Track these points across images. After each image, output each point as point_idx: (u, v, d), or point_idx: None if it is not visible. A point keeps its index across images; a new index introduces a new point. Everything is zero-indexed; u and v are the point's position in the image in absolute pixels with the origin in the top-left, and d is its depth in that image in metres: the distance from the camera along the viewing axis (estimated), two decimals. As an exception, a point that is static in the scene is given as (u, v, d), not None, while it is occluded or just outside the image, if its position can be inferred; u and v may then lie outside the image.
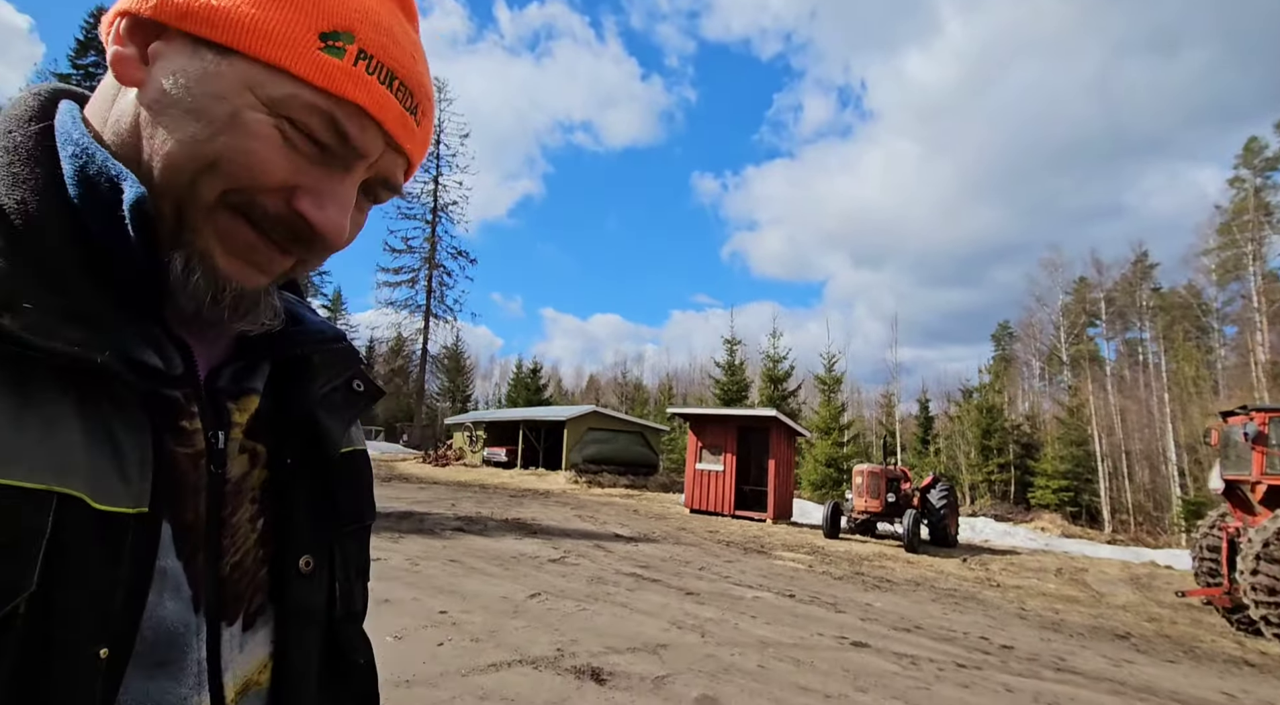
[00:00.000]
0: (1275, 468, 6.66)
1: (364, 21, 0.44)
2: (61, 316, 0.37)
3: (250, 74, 0.41)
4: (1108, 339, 41.47)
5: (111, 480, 0.38)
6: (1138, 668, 5.37)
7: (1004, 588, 8.85)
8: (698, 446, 15.58)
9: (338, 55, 0.42)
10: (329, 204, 0.45)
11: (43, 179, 0.42)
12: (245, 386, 0.52)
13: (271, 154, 0.42)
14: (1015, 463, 31.81)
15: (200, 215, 0.43)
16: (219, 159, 0.41)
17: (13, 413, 0.35)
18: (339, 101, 0.43)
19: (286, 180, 0.43)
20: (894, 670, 4.70)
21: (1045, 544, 14.82)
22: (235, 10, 0.41)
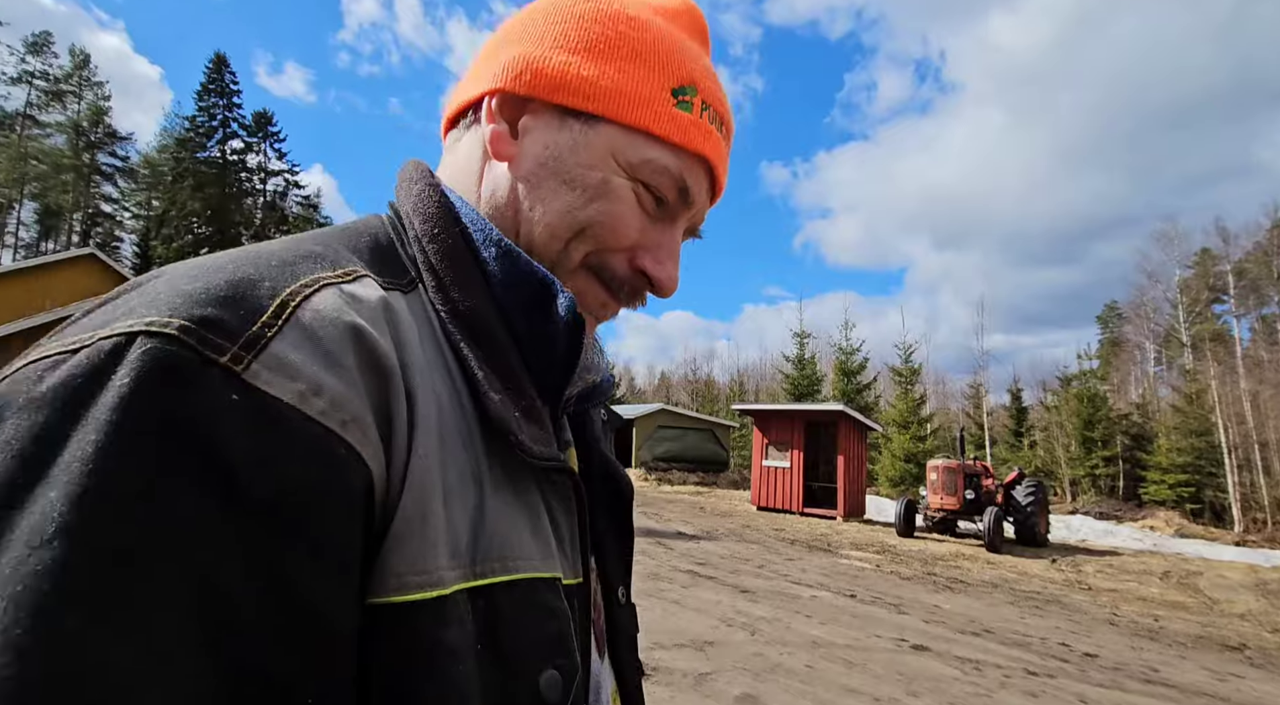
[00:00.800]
0: None
1: (701, 71, 0.46)
2: (529, 419, 0.42)
3: (613, 140, 0.44)
4: (1238, 316, 37.00)
5: (562, 557, 0.44)
6: (1247, 684, 4.83)
7: (1095, 591, 8.16)
8: (764, 443, 15.32)
9: (688, 110, 0.45)
10: (666, 259, 0.48)
11: (479, 281, 0.44)
12: (565, 439, 0.54)
13: (630, 218, 0.45)
14: (1123, 455, 29.05)
15: (566, 278, 0.46)
16: (590, 224, 0.45)
17: (524, 515, 0.41)
18: (688, 157, 0.46)
19: (635, 241, 0.46)
20: (954, 675, 4.47)
21: (1153, 544, 13.46)
22: (601, 78, 0.44)
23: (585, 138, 0.44)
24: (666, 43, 0.45)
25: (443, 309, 0.42)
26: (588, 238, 0.45)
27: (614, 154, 0.44)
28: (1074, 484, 29.99)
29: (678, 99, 0.44)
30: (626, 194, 0.45)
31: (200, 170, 37.55)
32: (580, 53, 0.44)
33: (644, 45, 0.45)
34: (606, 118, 0.44)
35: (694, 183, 0.46)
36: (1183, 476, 25.79)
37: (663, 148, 0.44)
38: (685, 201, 0.47)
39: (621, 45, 0.44)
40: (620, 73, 0.44)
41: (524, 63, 0.45)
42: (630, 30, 0.45)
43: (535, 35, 0.46)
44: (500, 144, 0.46)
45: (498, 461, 0.40)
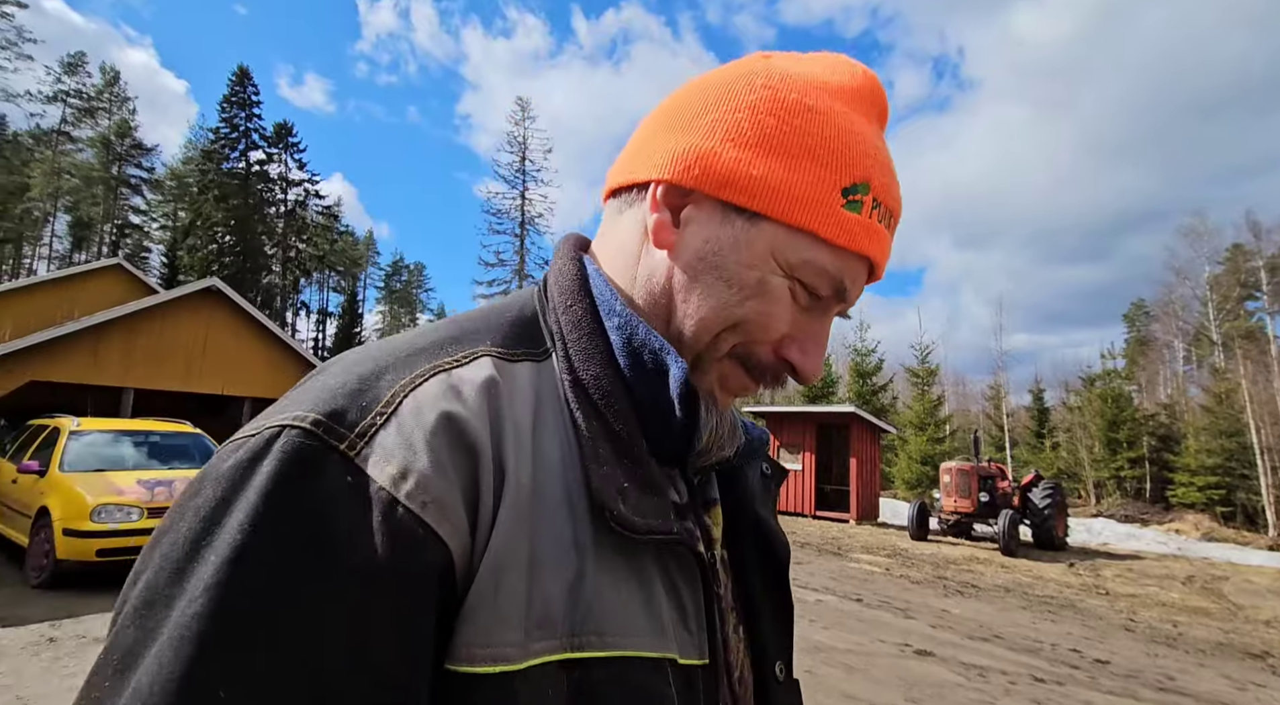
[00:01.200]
0: None
1: (875, 166, 0.44)
2: (643, 489, 0.42)
3: (776, 239, 0.43)
4: (1272, 313, 35.89)
5: (684, 634, 0.42)
6: (1268, 692, 4.67)
7: (1113, 596, 7.95)
8: (776, 446, 15.19)
9: (856, 210, 0.43)
10: (812, 350, 0.47)
11: (604, 352, 0.46)
12: (709, 497, 0.54)
13: (783, 313, 0.45)
14: (1150, 457, 28.25)
15: (712, 362, 0.47)
16: (743, 321, 0.45)
17: (636, 587, 0.40)
18: (850, 257, 0.44)
19: (783, 333, 0.46)
20: (957, 681, 4.39)
21: (1178, 548, 13.07)
22: (769, 177, 0.43)
23: (747, 236, 0.44)
24: (842, 137, 0.44)
25: (566, 377, 0.45)
26: (738, 332, 0.45)
27: (774, 253, 0.44)
28: (1098, 486, 29.25)
29: (848, 199, 0.43)
30: (782, 293, 0.44)
31: (224, 181, 38.37)
32: (751, 147, 0.43)
33: (818, 141, 0.43)
34: (771, 217, 0.43)
35: (852, 281, 0.46)
36: (1213, 479, 25.00)
37: (825, 249, 0.43)
38: (841, 298, 0.47)
39: (794, 141, 0.43)
40: (790, 171, 0.43)
41: (694, 156, 0.45)
42: (805, 125, 0.43)
43: (707, 124, 0.45)
44: (662, 233, 0.46)
45: (605, 530, 0.39)
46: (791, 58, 0.49)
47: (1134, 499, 27.26)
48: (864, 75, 0.48)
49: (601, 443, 0.42)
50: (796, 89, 0.45)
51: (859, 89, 0.47)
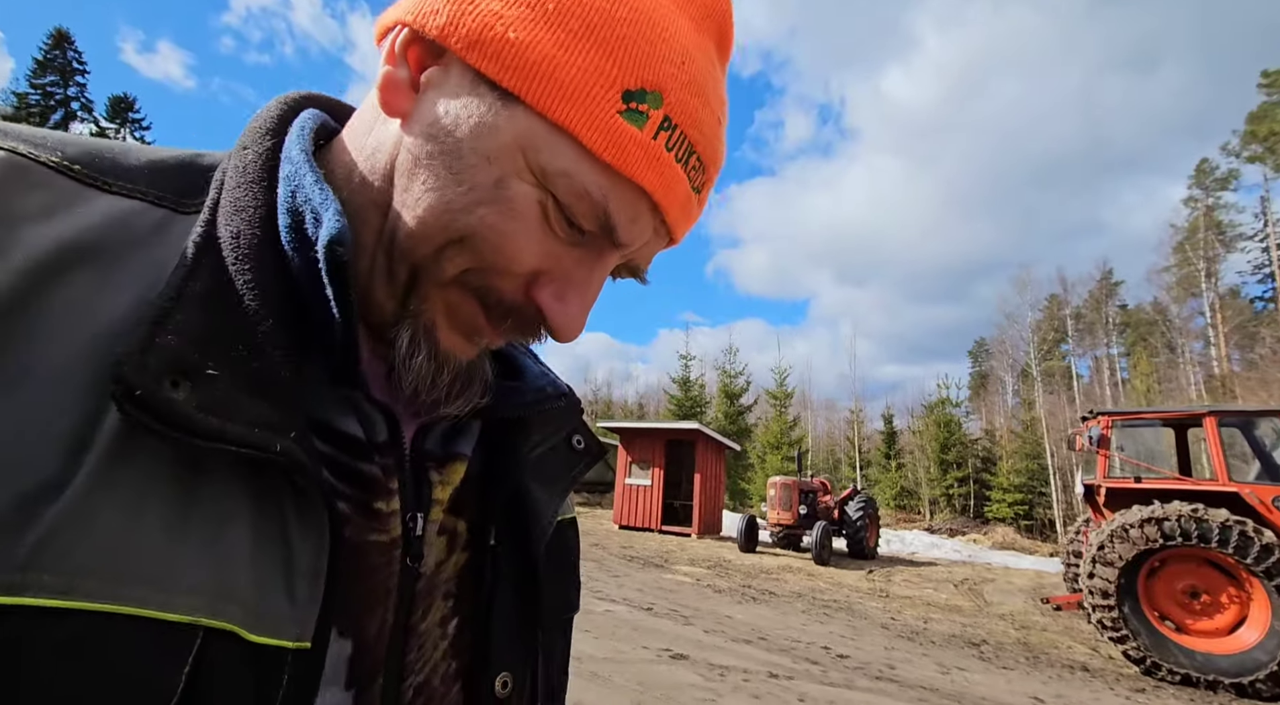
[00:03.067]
0: (1116, 472, 6.69)
1: (678, 77, 0.35)
2: (251, 386, 0.31)
3: (529, 131, 0.34)
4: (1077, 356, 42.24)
5: (276, 599, 0.31)
6: (965, 675, 5.28)
7: (891, 598, 8.76)
8: (627, 461, 15.43)
9: (637, 122, 0.34)
10: (572, 299, 0.38)
11: (263, 207, 0.36)
12: (453, 450, 0.44)
13: (527, 237, 0.35)
14: (974, 477, 32.02)
15: (434, 287, 0.37)
16: (472, 235, 0.35)
17: (176, 515, 0.28)
18: (621, 182, 0.35)
19: (534, 266, 0.37)
20: (693, 681, 4.56)
21: (969, 556, 14.80)
22: (533, 48, 0.33)
23: (494, 118, 0.34)
24: (642, 28, 0.34)
25: (199, 229, 0.34)
26: (466, 250, 0.35)
27: (524, 150, 0.34)
28: (933, 503, 32.61)
29: (628, 105, 0.34)
30: (527, 206, 0.35)
31: (38, 154, 33.38)
32: (521, 6, 0.33)
33: (606, 22, 0.33)
34: (525, 101, 0.33)
35: (624, 217, 0.36)
36: (1019, 495, 28.79)
37: (588, 161, 0.34)
38: (610, 237, 0.36)
39: (577, 13, 0.33)
40: (561, 48, 0.33)
41: (453, 3, 0.34)
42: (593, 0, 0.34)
43: None
44: (390, 93, 0.36)
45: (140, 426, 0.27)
46: None
47: (960, 514, 30.69)
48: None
49: (198, 313, 0.30)
50: None
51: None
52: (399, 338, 0.37)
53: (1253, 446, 6.98)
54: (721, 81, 0.39)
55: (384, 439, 0.40)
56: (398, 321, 0.37)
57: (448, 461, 0.44)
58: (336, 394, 0.38)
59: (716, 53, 0.39)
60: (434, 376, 0.38)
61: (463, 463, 0.45)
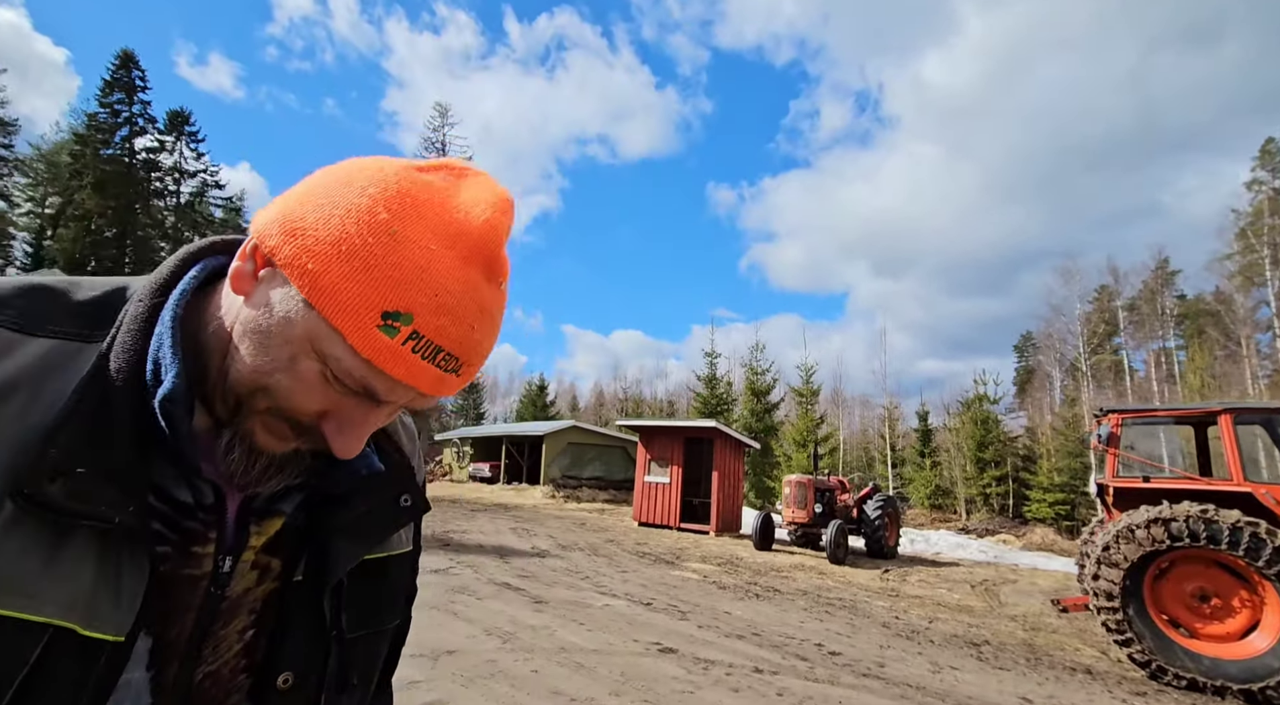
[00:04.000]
0: (1124, 471, 6.47)
1: (427, 305, 0.48)
2: (105, 477, 0.47)
3: (317, 328, 0.48)
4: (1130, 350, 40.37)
5: (106, 610, 0.47)
6: (956, 674, 5.24)
7: (900, 597, 8.66)
8: (646, 459, 15.55)
9: (390, 334, 0.47)
10: (348, 432, 0.52)
11: (138, 352, 0.52)
12: (275, 508, 0.60)
13: (311, 393, 0.50)
14: (1013, 475, 30.94)
15: (250, 412, 0.52)
16: (272, 388, 0.50)
17: (46, 560, 0.45)
18: (377, 371, 0.49)
19: (320, 409, 0.51)
20: (675, 674, 4.67)
21: (995, 557, 14.38)
22: (323, 274, 0.47)
23: (296, 314, 0.49)
24: (406, 269, 0.48)
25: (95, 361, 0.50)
26: (270, 396, 0.50)
27: (312, 339, 0.48)
28: (969, 502, 31.63)
29: (385, 322, 0.47)
30: (310, 375, 0.49)
31: (101, 168, 35.43)
32: (326, 244, 0.48)
33: (378, 261, 0.47)
34: (316, 309, 0.48)
35: (384, 390, 0.50)
36: (1060, 495, 27.68)
37: (354, 355, 0.48)
38: (374, 400, 0.51)
39: (360, 254, 0.47)
40: (344, 278, 0.47)
41: (284, 231, 0.50)
42: (375, 244, 0.47)
43: (314, 207, 0.50)
44: (238, 280, 0.52)
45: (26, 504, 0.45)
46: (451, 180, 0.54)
47: (998, 513, 29.69)
48: (484, 225, 0.51)
49: (81, 427, 0.47)
50: (395, 213, 0.49)
51: (471, 235, 0.51)
52: (222, 439, 0.53)
53: (1277, 445, 6.66)
54: (485, 299, 0.52)
55: (210, 502, 0.56)
56: (226, 426, 0.53)
57: (267, 517, 0.59)
58: (176, 471, 0.54)
59: (483, 277, 0.52)
60: (246, 466, 0.53)
61: (280, 518, 0.60)
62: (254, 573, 0.58)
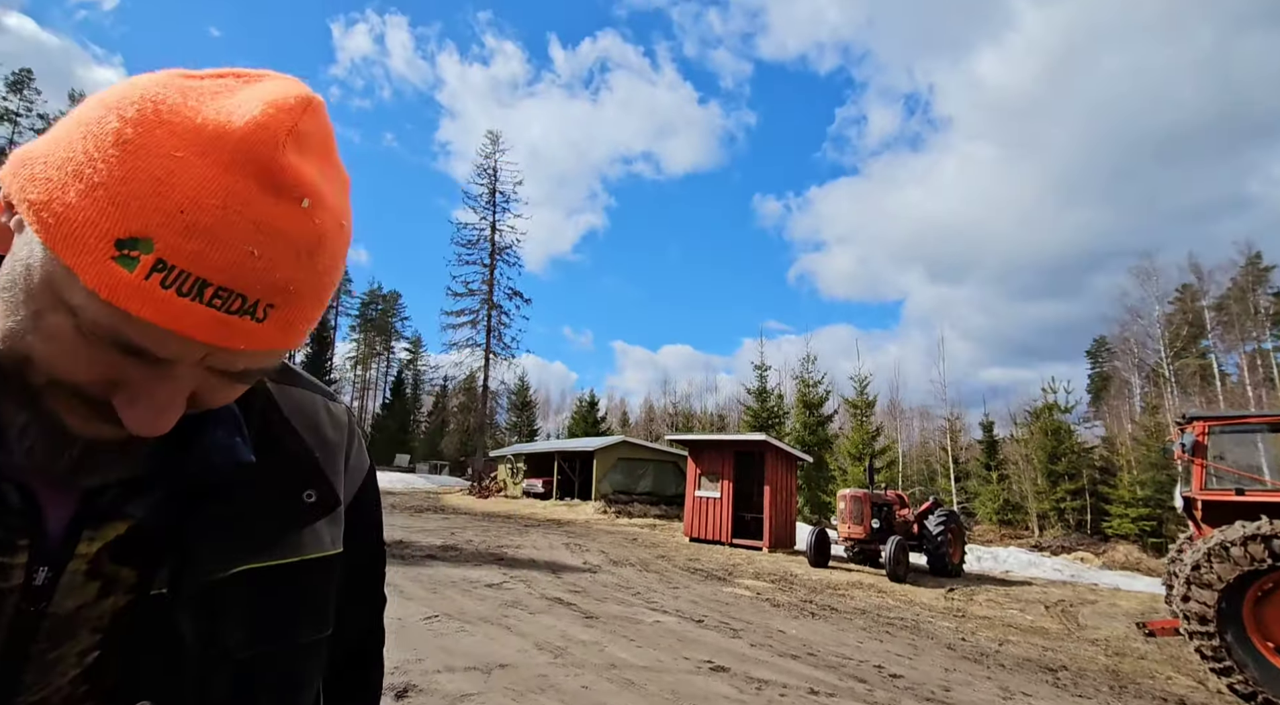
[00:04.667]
0: (1214, 483, 5.96)
1: (170, 225, 0.38)
2: None
3: (54, 271, 0.39)
4: (1220, 352, 37.52)
5: None
6: (1030, 701, 4.91)
7: (967, 618, 8.20)
8: (696, 474, 15.41)
9: (128, 266, 0.38)
10: (140, 402, 0.43)
11: None
12: (122, 511, 0.50)
13: (76, 357, 0.41)
14: (1090, 489, 28.97)
15: (41, 390, 0.43)
16: (29, 355, 0.41)
17: None
18: (126, 316, 0.39)
19: (101, 377, 0.42)
20: (726, 693, 4.57)
21: (1072, 576, 13.44)
22: (49, 203, 0.39)
23: (35, 260, 0.40)
24: (135, 185, 0.38)
25: None
26: (35, 367, 0.42)
27: (54, 288, 0.40)
28: (1041, 517, 29.79)
29: (121, 252, 0.38)
30: (63, 333, 0.40)
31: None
32: (52, 168, 0.40)
33: (105, 178, 0.38)
34: (49, 247, 0.39)
35: (151, 342, 0.40)
36: (1144, 510, 25.70)
37: (94, 298, 0.39)
38: (149, 359, 0.41)
39: (85, 172, 0.39)
40: (68, 207, 0.39)
41: (16, 162, 0.42)
42: (101, 158, 0.39)
43: (56, 130, 0.42)
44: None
45: None
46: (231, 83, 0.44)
47: (1075, 529, 27.82)
48: (249, 125, 0.40)
49: None
50: (131, 120, 0.40)
51: (231, 137, 0.40)
52: (14, 425, 0.44)
53: (1394, 453, 6.02)
54: (269, 212, 0.41)
55: (16, 504, 0.46)
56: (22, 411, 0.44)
57: (106, 521, 0.50)
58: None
59: (258, 188, 0.40)
60: (53, 456, 0.44)
61: (125, 522, 0.50)
62: (94, 584, 0.49)
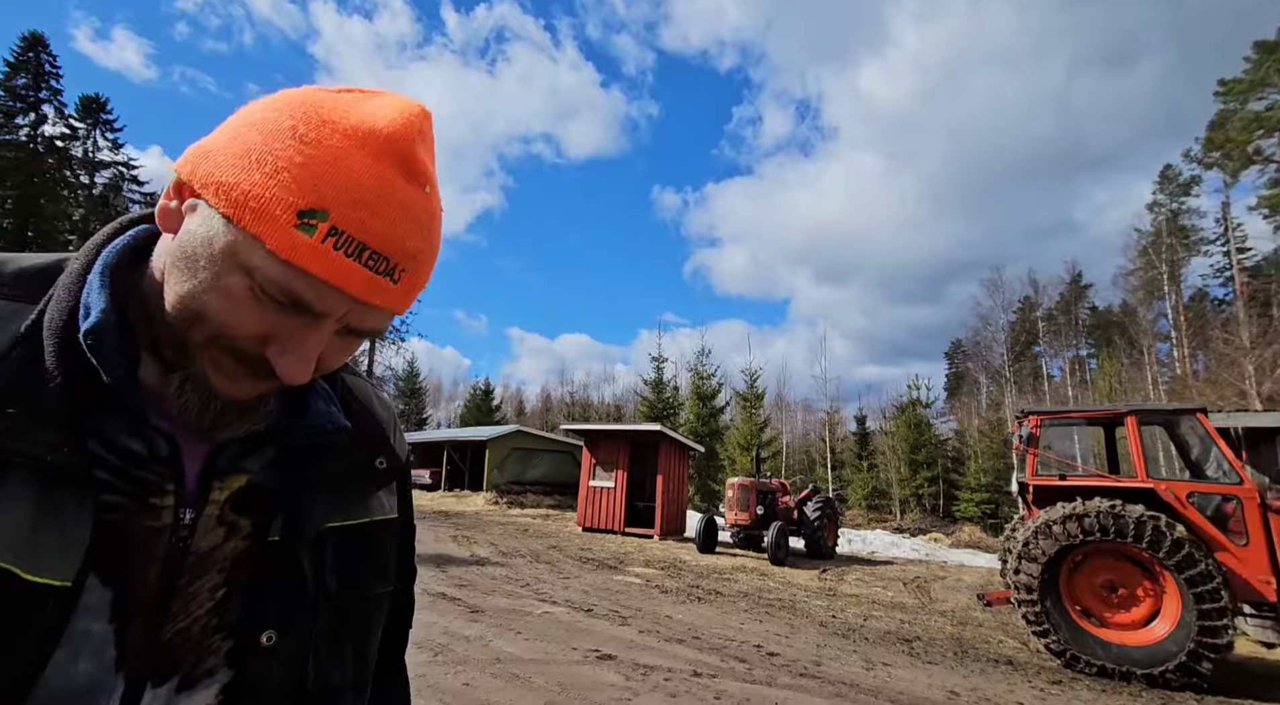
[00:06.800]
0: (1043, 470, 6.85)
1: (342, 199, 0.47)
2: (36, 419, 0.47)
3: (238, 241, 0.47)
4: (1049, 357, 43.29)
5: (48, 553, 0.46)
6: (890, 670, 5.37)
7: (838, 596, 8.86)
8: (591, 463, 15.40)
9: (309, 232, 0.47)
10: (292, 352, 0.51)
11: (73, 302, 0.53)
12: (240, 466, 0.59)
13: (245, 312, 0.48)
14: (944, 476, 32.49)
15: (196, 349, 0.51)
16: (204, 312, 0.49)
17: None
18: (301, 273, 0.47)
19: (261, 332, 0.50)
20: (613, 681, 4.57)
21: (926, 555, 15.01)
22: (237, 185, 0.47)
23: (217, 233, 0.48)
24: (312, 168, 0.47)
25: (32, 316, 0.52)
26: (205, 323, 0.49)
27: (235, 254, 0.48)
28: (903, 502, 33.01)
29: (302, 221, 0.46)
30: (240, 292, 0.48)
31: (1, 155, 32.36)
32: (238, 158, 0.48)
33: (286, 164, 0.47)
34: (234, 221, 0.47)
35: (314, 296, 0.48)
36: (986, 495, 29.26)
37: (275, 260, 0.47)
38: (305, 311, 0.49)
39: (269, 159, 0.47)
40: (256, 185, 0.47)
41: (197, 155, 0.51)
42: (282, 148, 0.48)
43: (222, 132, 0.51)
44: (164, 216, 0.53)
45: None
46: (361, 97, 0.53)
47: (929, 513, 31.11)
48: (391, 124, 0.50)
49: (12, 372, 0.48)
50: (300, 118, 0.49)
51: (379, 134, 0.50)
52: (173, 382, 0.53)
53: (1175, 444, 7.20)
54: (406, 197, 0.51)
55: (165, 454, 0.55)
56: (176, 370, 0.53)
57: (230, 474, 0.59)
58: (125, 421, 0.53)
59: (399, 175, 0.51)
60: (201, 410, 0.53)
61: (244, 475, 0.60)
62: (221, 529, 0.57)
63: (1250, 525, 5.64)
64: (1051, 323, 44.73)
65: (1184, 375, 32.49)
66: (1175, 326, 35.41)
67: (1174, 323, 35.49)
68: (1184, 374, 32.79)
